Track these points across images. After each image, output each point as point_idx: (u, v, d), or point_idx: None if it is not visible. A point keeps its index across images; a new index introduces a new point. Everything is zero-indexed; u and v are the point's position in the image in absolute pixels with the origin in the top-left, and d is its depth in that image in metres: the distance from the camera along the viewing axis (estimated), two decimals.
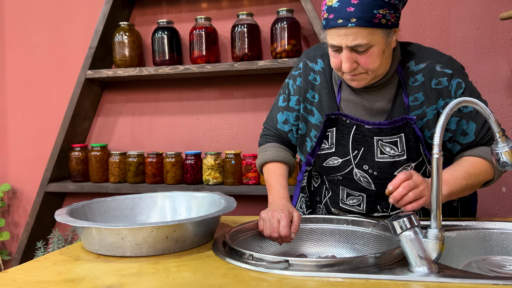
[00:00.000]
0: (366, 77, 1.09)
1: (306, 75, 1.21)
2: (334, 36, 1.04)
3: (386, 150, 1.11)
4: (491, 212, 1.89)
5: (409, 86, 1.12)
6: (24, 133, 2.40)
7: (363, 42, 1.02)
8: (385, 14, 1.01)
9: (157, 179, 2.06)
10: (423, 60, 1.13)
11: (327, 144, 1.17)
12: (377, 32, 1.02)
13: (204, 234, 1.01)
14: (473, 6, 1.86)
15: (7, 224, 2.42)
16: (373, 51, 1.04)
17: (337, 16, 1.01)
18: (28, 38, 2.36)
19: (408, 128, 1.09)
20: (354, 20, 1.00)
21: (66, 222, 0.97)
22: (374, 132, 1.12)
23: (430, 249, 0.78)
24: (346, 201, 1.23)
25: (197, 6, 2.15)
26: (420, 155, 1.12)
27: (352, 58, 1.05)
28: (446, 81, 1.10)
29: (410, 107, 1.11)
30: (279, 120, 1.28)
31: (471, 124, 1.12)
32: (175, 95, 2.21)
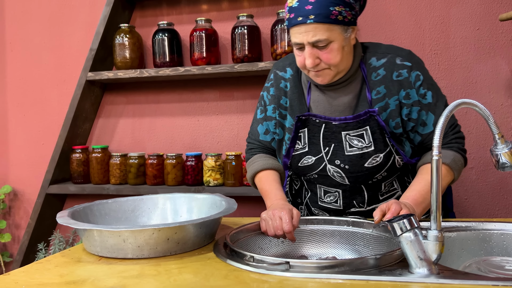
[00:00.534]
0: (330, 73, 1.16)
1: (277, 84, 1.29)
2: (296, 34, 1.12)
3: (354, 143, 1.18)
4: (492, 212, 1.89)
5: (371, 81, 1.19)
6: (25, 135, 2.40)
7: (323, 37, 1.09)
8: (341, 11, 1.09)
9: (158, 180, 2.06)
10: (384, 56, 1.20)
11: (300, 145, 1.24)
12: (335, 28, 1.10)
13: (205, 236, 1.01)
14: (472, 7, 1.86)
15: (8, 225, 2.43)
16: (333, 47, 1.11)
17: (297, 14, 1.10)
18: (29, 40, 2.37)
19: (372, 121, 1.16)
20: (312, 16, 1.08)
21: (68, 224, 0.98)
22: (341, 127, 1.19)
23: (430, 250, 0.78)
24: (324, 199, 1.28)
25: (197, 8, 2.16)
26: (387, 145, 1.18)
27: (314, 54, 1.12)
28: (406, 72, 1.17)
29: (373, 101, 1.18)
30: (260, 132, 1.33)
31: (430, 115, 1.18)
32: (175, 97, 2.21)
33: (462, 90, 1.89)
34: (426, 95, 1.18)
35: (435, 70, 1.91)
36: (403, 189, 1.27)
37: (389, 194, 1.27)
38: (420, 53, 1.92)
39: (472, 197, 1.91)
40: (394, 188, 1.27)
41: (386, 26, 1.94)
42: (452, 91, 1.90)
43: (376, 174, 1.21)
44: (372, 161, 1.19)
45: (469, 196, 1.91)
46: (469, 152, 1.90)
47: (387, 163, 1.19)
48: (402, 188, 1.28)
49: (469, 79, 1.88)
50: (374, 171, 1.20)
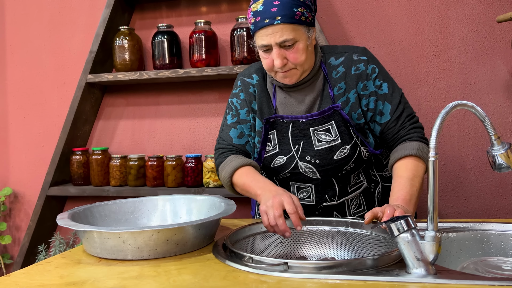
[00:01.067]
0: (296, 72, 1.22)
1: (246, 89, 1.33)
2: (263, 36, 1.17)
3: (322, 137, 1.24)
4: (491, 213, 1.90)
5: (332, 78, 1.26)
6: (26, 137, 2.41)
7: (289, 37, 1.15)
8: (303, 12, 1.16)
9: (157, 182, 2.07)
10: (342, 55, 1.28)
11: (271, 146, 1.29)
12: (299, 28, 1.16)
13: (204, 237, 1.02)
14: (470, 9, 1.87)
15: (8, 227, 2.43)
16: (298, 46, 1.17)
17: (264, 17, 1.15)
18: (29, 43, 2.38)
19: (336, 116, 1.23)
20: (279, 18, 1.14)
21: (68, 226, 0.98)
22: (308, 124, 1.24)
23: (427, 250, 0.79)
24: (297, 195, 1.32)
25: (196, 10, 2.17)
26: (352, 137, 1.24)
27: (282, 54, 1.17)
28: (363, 66, 1.25)
29: (335, 97, 1.25)
30: (233, 136, 1.33)
31: (386, 105, 1.25)
32: (175, 99, 2.22)
33: (461, 91, 1.90)
34: (382, 86, 1.25)
35: (434, 71, 1.92)
36: (368, 181, 1.34)
37: (356, 186, 1.32)
38: (419, 54, 1.92)
39: (471, 198, 1.91)
40: (360, 181, 1.33)
41: (384, 28, 1.95)
42: (451, 92, 1.90)
43: (345, 166, 1.26)
44: (340, 153, 1.25)
45: (468, 197, 1.92)
46: (468, 153, 1.91)
47: (354, 154, 1.25)
48: (367, 180, 1.34)
49: (467, 80, 1.89)
50: (342, 163, 1.25)
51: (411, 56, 1.93)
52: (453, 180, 1.92)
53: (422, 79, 1.93)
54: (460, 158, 1.91)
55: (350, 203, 1.33)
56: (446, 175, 1.93)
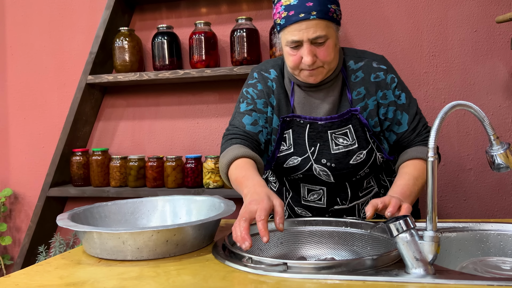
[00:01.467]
0: (323, 71, 1.19)
1: (264, 82, 1.28)
2: (295, 32, 1.13)
3: (340, 141, 1.22)
4: (490, 213, 1.90)
5: (351, 82, 1.24)
6: (26, 138, 2.41)
7: (323, 33, 1.12)
8: (335, 10, 1.15)
9: (157, 183, 2.07)
10: (361, 60, 1.26)
11: (285, 146, 1.26)
12: (331, 25, 1.15)
13: (203, 238, 1.02)
14: (470, 9, 1.88)
15: (9, 228, 2.43)
16: (329, 44, 1.15)
17: (298, 11, 1.11)
18: (29, 44, 2.38)
19: (354, 120, 1.22)
20: (314, 12, 1.11)
21: (68, 226, 0.99)
22: (327, 127, 1.22)
23: (426, 250, 0.79)
24: (307, 197, 1.30)
25: (196, 11, 2.17)
26: (369, 142, 1.23)
27: (312, 51, 1.14)
28: (382, 74, 1.24)
29: (353, 101, 1.23)
30: (246, 123, 1.24)
31: (404, 115, 1.25)
32: (175, 99, 2.22)
33: (460, 92, 1.90)
34: (401, 96, 1.25)
35: (433, 72, 1.92)
36: (378, 186, 1.33)
37: (367, 191, 1.32)
38: (418, 55, 1.93)
39: (470, 198, 1.91)
40: (371, 185, 1.32)
41: (384, 28, 1.96)
42: (450, 92, 1.91)
43: (360, 170, 1.25)
44: (356, 158, 1.23)
45: (467, 197, 1.92)
46: (467, 153, 1.91)
47: (370, 160, 1.24)
48: (377, 185, 1.33)
49: (466, 80, 1.89)
50: (358, 167, 1.24)
51: (411, 56, 1.93)
52: (453, 180, 1.93)
53: (422, 80, 1.93)
54: (460, 159, 1.92)
55: (360, 207, 1.32)
56: (446, 176, 1.93)
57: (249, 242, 0.86)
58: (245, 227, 0.88)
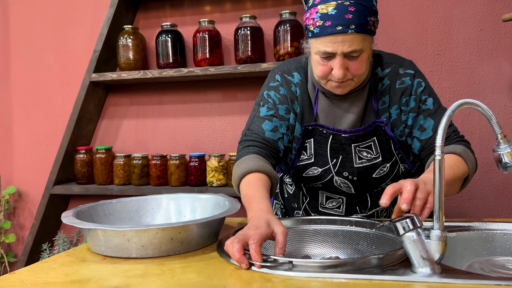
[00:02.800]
0: (351, 83, 1.12)
1: (288, 86, 1.20)
2: (329, 44, 1.05)
3: (363, 155, 1.17)
4: (495, 213, 1.89)
5: (378, 91, 1.17)
6: (30, 136, 2.42)
7: (358, 47, 1.05)
8: (374, 21, 1.08)
9: (161, 181, 2.07)
10: (388, 66, 1.19)
11: (306, 155, 1.20)
12: (368, 38, 1.08)
13: (208, 236, 1.02)
14: (475, 8, 1.87)
15: (13, 226, 2.44)
16: (363, 57, 1.08)
17: (336, 23, 1.03)
18: (33, 42, 2.39)
19: (379, 131, 1.16)
20: (353, 26, 1.03)
21: (73, 224, 0.98)
22: (351, 140, 1.16)
23: (433, 250, 0.78)
24: (325, 204, 1.26)
25: (200, 9, 2.17)
26: (393, 155, 1.18)
27: (345, 65, 1.07)
28: (409, 80, 1.17)
29: (379, 111, 1.17)
30: (266, 129, 1.16)
31: (429, 121, 1.15)
32: (179, 98, 2.22)
33: (465, 91, 1.89)
34: (427, 101, 1.17)
35: (438, 71, 1.91)
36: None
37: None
38: (423, 53, 1.92)
39: (475, 198, 1.91)
40: None
41: (388, 27, 1.95)
42: (455, 91, 1.90)
43: (382, 183, 1.21)
44: (380, 172, 1.19)
45: (472, 196, 1.91)
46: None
47: (393, 172, 1.19)
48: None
49: (472, 79, 1.88)
50: (380, 180, 1.19)
51: (415, 55, 1.93)
52: None
53: (427, 79, 1.92)
54: None
55: (380, 214, 1.29)
56: None
57: (245, 264, 0.84)
58: (237, 248, 0.84)
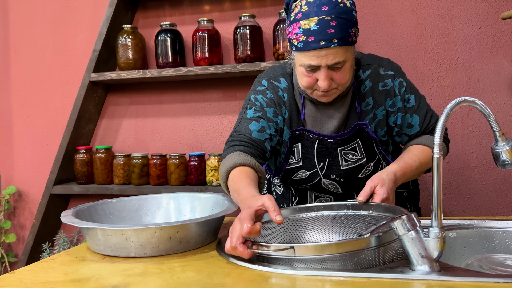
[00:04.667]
0: (336, 92, 1.16)
1: (275, 91, 1.22)
2: (313, 57, 1.08)
3: (349, 157, 1.22)
4: (495, 211, 1.89)
5: (361, 93, 1.21)
6: (29, 136, 2.42)
7: (342, 59, 1.09)
8: (355, 32, 1.11)
9: (161, 180, 2.07)
10: (368, 67, 1.22)
11: (294, 159, 1.24)
12: (350, 49, 1.11)
13: (207, 235, 1.02)
14: (474, 6, 1.86)
15: (13, 226, 2.44)
16: (346, 67, 1.12)
17: (318, 38, 1.06)
18: (33, 42, 2.39)
19: (362, 133, 1.20)
20: (336, 40, 1.06)
21: (72, 223, 0.99)
22: (337, 144, 1.21)
23: (431, 247, 0.78)
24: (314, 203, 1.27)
25: (199, 9, 2.17)
26: (376, 154, 1.24)
27: (329, 75, 1.11)
28: (390, 82, 1.21)
29: (362, 112, 1.21)
30: (252, 129, 1.17)
31: (415, 117, 1.23)
32: (178, 97, 2.22)
33: (465, 89, 1.89)
34: (410, 99, 1.23)
35: (438, 69, 1.91)
36: None
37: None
38: (422, 52, 1.92)
39: (475, 196, 1.91)
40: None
41: (388, 26, 1.95)
42: (455, 89, 1.90)
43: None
44: (365, 171, 1.24)
45: (472, 195, 1.91)
46: (472, 150, 1.90)
47: (377, 170, 1.25)
48: None
49: (471, 77, 1.88)
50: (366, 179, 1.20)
51: (415, 54, 1.93)
52: (457, 178, 1.92)
53: (426, 77, 1.92)
54: (464, 156, 1.91)
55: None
56: (450, 173, 1.92)
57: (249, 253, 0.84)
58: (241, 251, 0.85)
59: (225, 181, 1.11)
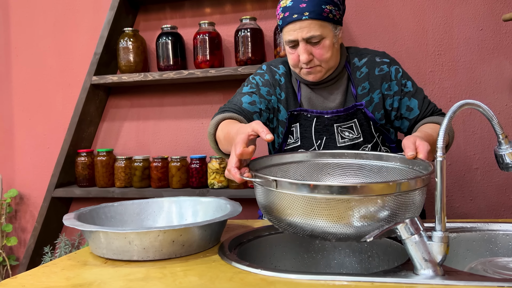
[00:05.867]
0: (321, 70, 1.24)
1: (272, 74, 1.32)
2: (291, 32, 1.19)
3: (346, 134, 1.27)
4: (498, 213, 1.88)
5: (356, 78, 1.29)
6: (31, 139, 2.42)
7: (317, 33, 1.18)
8: (331, 10, 1.19)
9: (162, 183, 2.07)
10: (365, 56, 1.31)
11: (293, 139, 1.30)
12: (327, 25, 1.19)
13: (210, 238, 1.02)
14: (476, 7, 1.86)
15: (14, 229, 2.44)
16: (325, 43, 1.20)
17: (292, 12, 1.18)
18: (34, 45, 2.39)
19: (359, 114, 1.26)
20: (307, 13, 1.16)
21: (74, 226, 0.98)
22: (333, 120, 1.27)
23: (435, 251, 0.78)
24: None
25: (200, 11, 2.17)
26: (374, 136, 1.28)
27: (308, 50, 1.20)
28: (386, 67, 1.28)
29: (358, 96, 1.28)
30: (244, 101, 1.24)
31: (413, 101, 1.28)
32: (179, 100, 2.22)
33: (466, 91, 1.89)
34: (407, 84, 1.29)
35: (439, 71, 1.91)
36: None
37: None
38: (424, 53, 1.92)
39: (477, 198, 1.90)
40: None
41: (389, 27, 1.95)
42: (456, 91, 1.89)
43: None
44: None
45: (474, 197, 1.90)
46: (474, 153, 1.89)
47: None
48: None
49: (473, 79, 1.88)
50: None
51: (416, 55, 1.92)
52: (459, 180, 1.91)
53: (427, 79, 1.92)
54: (466, 158, 1.90)
55: None
56: (452, 175, 1.92)
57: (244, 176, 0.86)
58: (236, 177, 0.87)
59: (213, 133, 1.18)
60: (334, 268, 1.12)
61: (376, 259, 1.08)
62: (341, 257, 1.11)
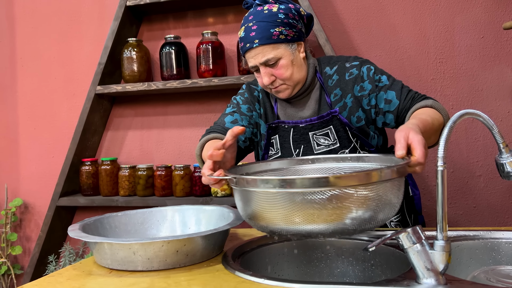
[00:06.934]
0: (287, 87, 1.29)
1: (251, 92, 1.41)
2: (250, 59, 1.27)
3: (321, 141, 1.30)
4: (501, 220, 1.88)
5: (328, 86, 1.33)
6: (36, 148, 2.44)
7: (270, 56, 1.24)
8: (281, 31, 1.23)
9: (166, 191, 2.08)
10: (335, 64, 1.35)
11: (273, 150, 1.36)
12: (279, 46, 1.24)
13: (213, 248, 1.03)
14: (476, 15, 1.87)
15: (19, 238, 2.45)
16: (282, 63, 1.25)
17: (245, 42, 1.25)
18: (39, 55, 2.42)
19: (335, 121, 1.29)
20: (257, 41, 1.23)
21: (79, 237, 0.99)
22: (308, 129, 1.31)
23: (437, 260, 0.78)
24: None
25: (203, 21, 2.19)
26: (351, 141, 1.30)
27: (269, 72, 1.26)
28: (356, 70, 1.30)
29: (332, 103, 1.31)
30: (227, 121, 1.33)
31: (390, 93, 1.27)
32: (183, 109, 2.24)
33: (468, 98, 1.89)
34: (381, 79, 1.29)
35: (441, 79, 1.92)
36: None
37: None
38: (425, 61, 1.93)
39: (480, 205, 1.90)
40: None
41: (390, 36, 1.96)
42: (458, 99, 1.90)
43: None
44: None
45: (477, 204, 1.90)
46: (477, 160, 1.90)
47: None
48: None
49: (474, 87, 1.89)
50: None
51: (418, 63, 1.93)
52: (462, 187, 1.91)
53: (429, 87, 1.93)
54: (469, 165, 1.90)
55: None
56: (455, 183, 1.92)
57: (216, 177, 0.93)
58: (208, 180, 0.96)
59: (199, 154, 1.25)
60: (338, 277, 1.12)
61: (379, 268, 1.08)
62: (344, 266, 1.11)
